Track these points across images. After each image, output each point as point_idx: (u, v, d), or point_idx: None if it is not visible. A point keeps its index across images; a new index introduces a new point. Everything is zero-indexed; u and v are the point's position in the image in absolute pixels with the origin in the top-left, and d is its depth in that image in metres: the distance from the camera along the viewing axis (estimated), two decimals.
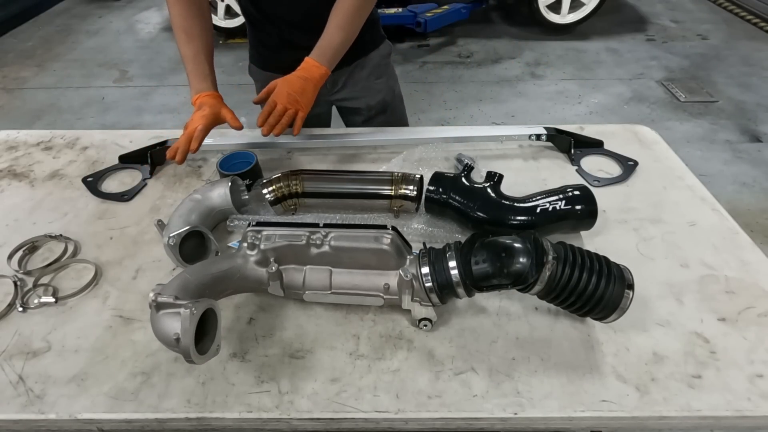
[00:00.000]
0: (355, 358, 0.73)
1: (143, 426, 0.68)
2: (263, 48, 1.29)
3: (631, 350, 0.73)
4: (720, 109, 3.21)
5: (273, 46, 1.25)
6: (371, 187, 0.96)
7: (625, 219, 0.97)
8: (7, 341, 0.76)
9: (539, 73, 3.71)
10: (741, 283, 0.84)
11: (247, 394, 0.69)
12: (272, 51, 1.27)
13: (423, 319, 0.74)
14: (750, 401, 0.67)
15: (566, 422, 0.67)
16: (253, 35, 1.29)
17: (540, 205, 0.87)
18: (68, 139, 1.26)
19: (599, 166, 1.12)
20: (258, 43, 1.29)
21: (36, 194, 1.07)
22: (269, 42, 1.25)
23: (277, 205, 0.96)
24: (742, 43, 4.04)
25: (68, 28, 4.70)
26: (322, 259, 0.76)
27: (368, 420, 0.67)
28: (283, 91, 0.99)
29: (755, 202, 2.45)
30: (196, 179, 1.12)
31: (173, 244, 0.81)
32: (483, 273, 0.69)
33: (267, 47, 1.27)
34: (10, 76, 3.85)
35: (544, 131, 1.18)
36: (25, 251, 0.92)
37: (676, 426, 0.68)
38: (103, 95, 3.58)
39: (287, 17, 1.18)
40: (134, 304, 0.82)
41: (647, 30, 4.36)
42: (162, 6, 5.07)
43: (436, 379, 0.70)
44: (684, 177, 1.09)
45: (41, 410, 0.67)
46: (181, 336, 0.59)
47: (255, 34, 1.28)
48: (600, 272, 0.67)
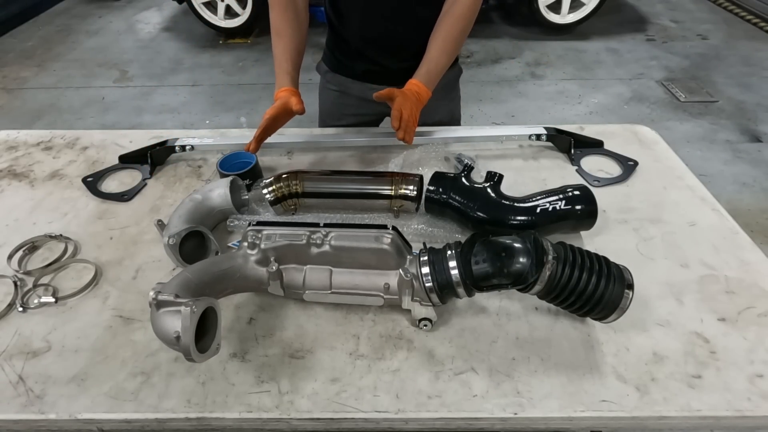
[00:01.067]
0: (355, 358, 0.73)
1: (143, 426, 0.68)
2: (339, 54, 1.30)
3: (631, 350, 0.73)
4: (720, 109, 3.21)
5: (350, 55, 1.26)
6: (371, 187, 0.96)
7: (625, 219, 0.97)
8: (7, 341, 0.76)
9: (539, 73, 3.71)
10: (741, 283, 0.84)
11: (247, 394, 0.69)
12: (348, 59, 1.28)
13: (423, 319, 0.74)
14: (750, 401, 0.67)
15: (566, 422, 0.67)
16: (332, 40, 1.30)
17: (540, 205, 0.87)
18: (68, 139, 1.26)
19: (599, 166, 1.12)
20: (335, 47, 1.30)
21: (36, 194, 1.07)
22: (347, 51, 1.26)
23: (277, 205, 0.95)
24: (742, 43, 4.04)
25: (68, 28, 4.70)
26: (322, 258, 0.76)
27: (368, 420, 0.67)
28: (406, 104, 1.00)
29: (755, 202, 2.45)
30: (196, 179, 1.12)
31: (173, 244, 0.81)
32: (483, 273, 0.69)
33: (344, 54, 1.28)
34: (10, 76, 3.85)
35: (544, 131, 1.18)
36: (25, 251, 0.92)
37: (676, 426, 0.68)
38: (103, 95, 3.58)
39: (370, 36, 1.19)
40: (134, 304, 0.82)
41: (647, 30, 4.36)
42: (162, 6, 5.07)
43: (436, 379, 0.70)
44: (684, 177, 1.09)
45: (41, 410, 0.67)
46: (182, 334, 0.59)
47: (334, 40, 1.29)
48: (600, 272, 0.67)
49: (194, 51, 4.20)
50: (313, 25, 1.22)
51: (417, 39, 1.14)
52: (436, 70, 1.07)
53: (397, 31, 1.17)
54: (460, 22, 1.07)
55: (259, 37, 4.39)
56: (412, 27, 1.15)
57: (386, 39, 1.19)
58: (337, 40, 1.27)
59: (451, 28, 1.08)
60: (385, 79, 1.24)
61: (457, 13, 1.07)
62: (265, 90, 3.53)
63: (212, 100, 3.49)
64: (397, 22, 1.15)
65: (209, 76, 3.81)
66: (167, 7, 4.99)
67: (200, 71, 3.88)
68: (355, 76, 1.29)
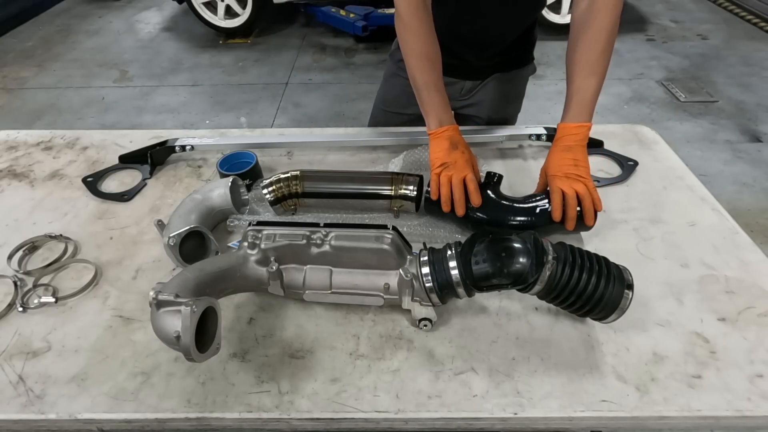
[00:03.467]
0: (355, 358, 0.73)
1: (143, 426, 0.68)
2: None
3: (631, 350, 0.73)
4: (720, 109, 3.21)
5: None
6: (371, 187, 0.96)
7: (625, 219, 0.97)
8: (7, 341, 0.76)
9: (539, 73, 3.66)
10: (741, 283, 0.84)
11: (247, 394, 0.69)
12: None
13: (423, 319, 0.74)
14: (750, 401, 0.67)
15: (566, 422, 0.67)
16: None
17: (540, 205, 0.87)
18: (68, 139, 1.26)
19: (599, 166, 1.12)
20: None
21: (36, 194, 1.07)
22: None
23: (277, 205, 0.95)
24: (742, 43, 4.04)
25: (68, 28, 4.70)
26: (322, 258, 0.76)
27: (368, 420, 0.67)
28: (564, 184, 0.85)
29: (755, 202, 2.45)
30: (196, 179, 1.12)
31: (173, 244, 0.81)
32: (483, 273, 0.69)
33: None
34: (10, 76, 3.84)
35: (544, 131, 1.18)
36: (25, 251, 0.92)
37: (676, 426, 0.68)
38: (103, 95, 3.58)
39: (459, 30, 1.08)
40: (134, 304, 0.82)
41: (647, 30, 4.36)
42: (162, 6, 5.07)
43: (436, 379, 0.70)
44: (684, 177, 1.09)
45: (41, 410, 0.67)
46: (182, 334, 0.59)
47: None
48: (600, 272, 0.67)
49: (194, 51, 4.20)
50: (312, 25, 1.22)
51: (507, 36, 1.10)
52: (587, 99, 0.90)
53: (488, 27, 1.09)
54: (602, 34, 0.89)
55: (259, 37, 4.40)
56: (504, 23, 1.09)
57: (476, 34, 1.10)
58: None
59: (594, 45, 0.89)
60: (465, 73, 1.19)
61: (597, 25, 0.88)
62: (265, 90, 3.54)
63: (212, 100, 3.49)
64: (491, 17, 1.07)
65: (209, 76, 3.81)
66: (167, 7, 4.99)
67: (200, 71, 3.88)
68: None
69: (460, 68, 1.19)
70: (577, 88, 0.90)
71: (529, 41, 1.21)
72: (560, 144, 0.89)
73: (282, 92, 3.49)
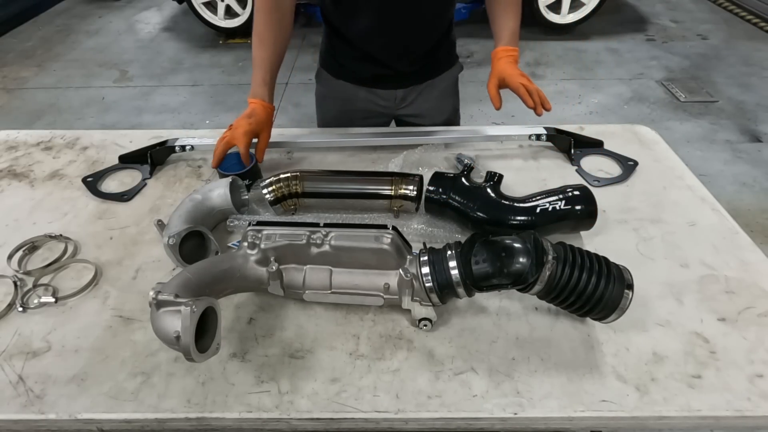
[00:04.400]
0: (355, 358, 0.73)
1: (143, 426, 0.68)
2: (343, 58, 1.24)
3: (631, 350, 0.73)
4: (720, 109, 3.21)
5: (356, 59, 1.21)
6: (371, 187, 0.96)
7: (625, 219, 0.97)
8: (7, 341, 0.76)
9: (539, 73, 3.71)
10: (741, 283, 0.84)
11: (247, 394, 0.69)
12: (354, 63, 1.22)
13: (423, 319, 0.74)
14: (750, 401, 0.67)
15: (566, 422, 0.67)
16: (332, 44, 1.24)
17: (540, 205, 0.87)
18: (68, 139, 1.26)
19: (599, 166, 1.12)
20: (336, 52, 1.24)
21: (36, 194, 1.07)
22: (352, 55, 1.20)
23: (277, 205, 0.95)
24: (742, 43, 4.04)
25: (68, 28, 4.70)
26: (322, 258, 0.76)
27: (368, 420, 0.67)
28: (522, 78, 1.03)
29: (755, 202, 2.45)
30: (196, 179, 1.12)
31: (173, 244, 0.81)
32: (483, 273, 0.69)
33: (348, 59, 1.22)
34: (10, 76, 3.84)
35: (544, 131, 1.18)
36: (25, 251, 0.92)
37: (676, 426, 0.68)
38: (103, 95, 3.58)
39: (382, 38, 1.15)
40: (134, 304, 0.82)
41: (647, 30, 4.36)
42: (162, 6, 5.08)
43: (436, 379, 0.70)
44: (684, 177, 1.09)
45: (41, 410, 0.67)
46: (182, 334, 0.59)
47: (335, 44, 1.23)
48: (600, 272, 0.67)
49: (194, 51, 4.20)
50: (312, 25, 1.23)
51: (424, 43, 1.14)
52: (516, 31, 1.10)
53: (403, 36, 1.14)
54: None
55: None
56: (417, 31, 1.13)
57: (393, 44, 1.15)
58: (339, 44, 1.20)
59: None
60: (396, 82, 1.23)
61: None
62: None
63: (212, 100, 3.49)
64: (403, 28, 1.12)
65: (209, 76, 3.81)
66: (167, 7, 4.99)
67: (200, 71, 3.88)
68: (362, 81, 1.24)
69: (392, 77, 1.23)
70: (504, 25, 1.10)
71: (449, 42, 1.26)
72: (505, 59, 1.08)
73: (282, 92, 3.49)
